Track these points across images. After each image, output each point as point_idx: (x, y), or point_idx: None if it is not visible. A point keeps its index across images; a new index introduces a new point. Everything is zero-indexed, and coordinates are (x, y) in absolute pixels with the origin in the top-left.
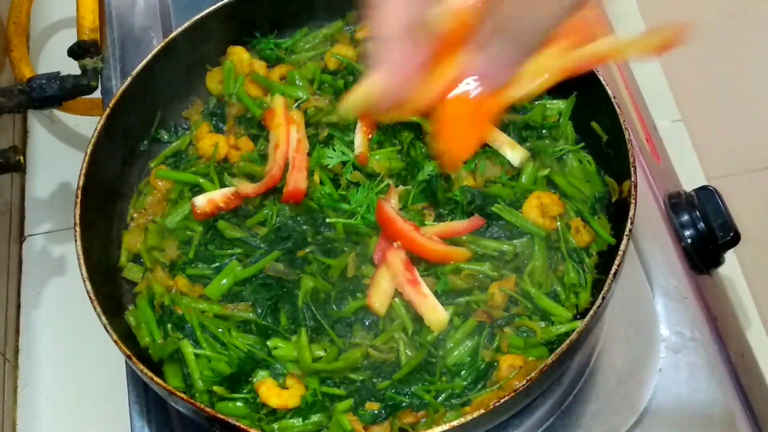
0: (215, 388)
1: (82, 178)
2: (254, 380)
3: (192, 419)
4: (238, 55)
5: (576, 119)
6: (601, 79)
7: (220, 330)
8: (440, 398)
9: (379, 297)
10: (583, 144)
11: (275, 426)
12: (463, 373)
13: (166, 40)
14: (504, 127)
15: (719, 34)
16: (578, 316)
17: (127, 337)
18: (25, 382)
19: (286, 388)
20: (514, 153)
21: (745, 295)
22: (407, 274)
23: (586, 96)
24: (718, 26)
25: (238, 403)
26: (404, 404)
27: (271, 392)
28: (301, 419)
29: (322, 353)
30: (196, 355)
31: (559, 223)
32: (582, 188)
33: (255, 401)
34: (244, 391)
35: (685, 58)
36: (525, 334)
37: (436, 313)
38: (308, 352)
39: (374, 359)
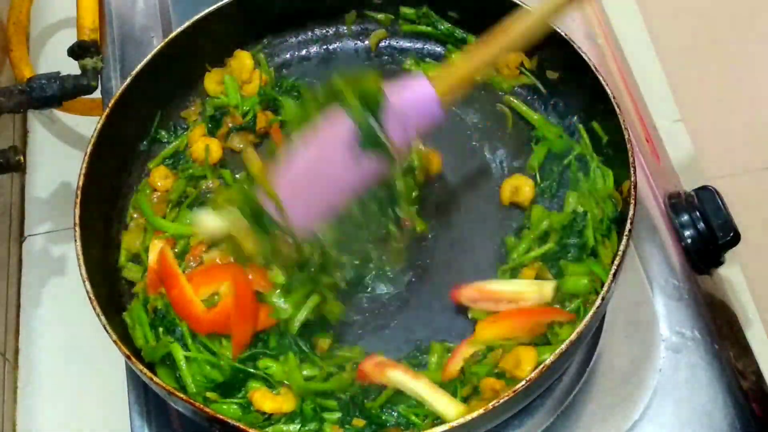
0: (208, 393)
1: (82, 178)
2: (247, 388)
3: (192, 420)
4: (241, 60)
5: (576, 119)
6: (601, 79)
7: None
8: (426, 421)
9: None
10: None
11: (269, 430)
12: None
13: (166, 40)
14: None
15: (719, 34)
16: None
17: (126, 337)
18: (25, 382)
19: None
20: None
21: (745, 295)
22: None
23: (587, 96)
24: (719, 26)
25: (233, 407)
26: (390, 423)
27: (265, 398)
28: (294, 425)
29: (312, 372)
30: (187, 359)
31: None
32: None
33: (249, 406)
34: (238, 396)
35: (685, 58)
36: None
37: (448, 410)
38: (299, 374)
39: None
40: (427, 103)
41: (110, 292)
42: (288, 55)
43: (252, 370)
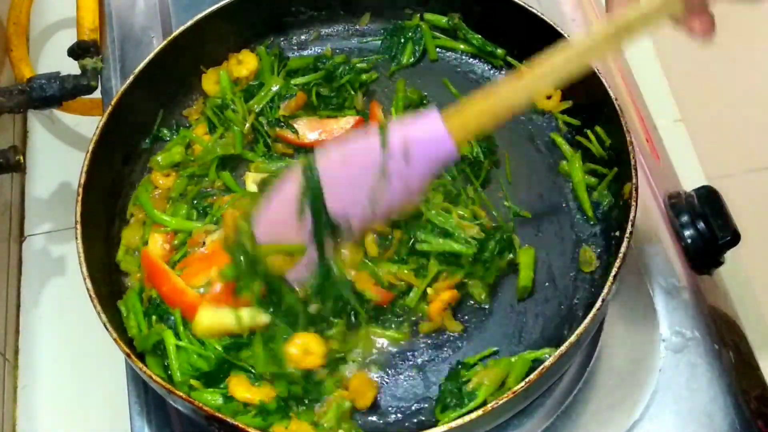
0: (192, 381)
1: (84, 175)
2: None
3: (191, 419)
4: (247, 61)
5: (578, 121)
6: (603, 81)
7: None
8: None
9: None
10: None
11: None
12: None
13: (167, 40)
14: None
15: (719, 34)
16: None
17: (127, 335)
18: (25, 382)
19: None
20: None
21: (745, 295)
22: None
23: (588, 98)
24: (719, 26)
25: (215, 396)
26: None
27: (240, 386)
28: (263, 419)
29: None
30: (178, 347)
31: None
32: None
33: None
34: (221, 386)
35: (685, 58)
36: None
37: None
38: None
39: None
40: (437, 140)
41: (111, 291)
42: (291, 55)
43: (237, 362)
